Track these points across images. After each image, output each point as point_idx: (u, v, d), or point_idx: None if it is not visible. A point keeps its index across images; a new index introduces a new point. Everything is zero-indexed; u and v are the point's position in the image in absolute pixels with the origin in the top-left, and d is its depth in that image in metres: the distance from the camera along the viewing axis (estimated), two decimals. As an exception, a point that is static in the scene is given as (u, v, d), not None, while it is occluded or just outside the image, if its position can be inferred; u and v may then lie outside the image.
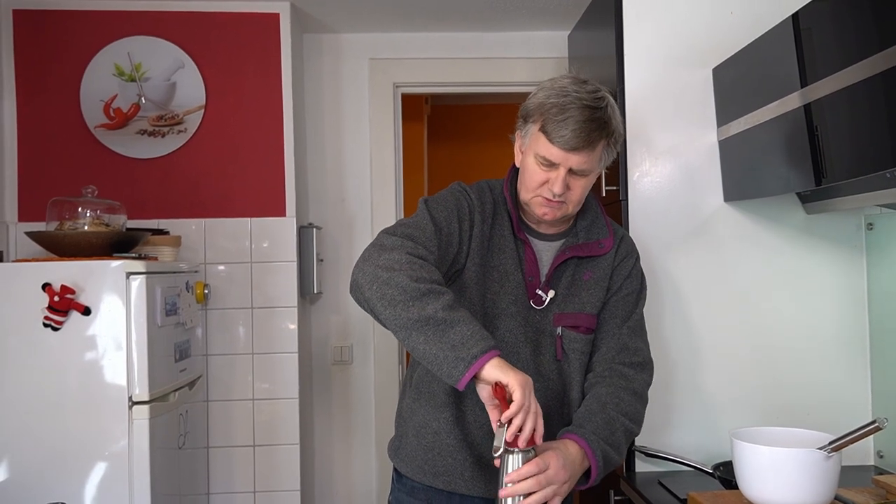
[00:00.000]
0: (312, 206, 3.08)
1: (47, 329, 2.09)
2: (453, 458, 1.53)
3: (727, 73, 1.93)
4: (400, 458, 1.63)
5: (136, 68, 2.71)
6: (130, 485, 2.11)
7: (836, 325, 2.00)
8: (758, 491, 1.42)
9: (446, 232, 1.49)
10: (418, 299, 1.32)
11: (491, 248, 1.55)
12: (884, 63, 1.26)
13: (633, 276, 1.62)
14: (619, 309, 1.59)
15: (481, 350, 1.28)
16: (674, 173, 2.02)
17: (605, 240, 1.59)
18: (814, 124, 1.52)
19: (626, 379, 1.54)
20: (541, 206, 1.51)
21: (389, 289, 1.34)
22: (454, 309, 1.32)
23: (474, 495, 1.54)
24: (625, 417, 1.49)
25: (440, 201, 1.54)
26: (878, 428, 1.33)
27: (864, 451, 1.95)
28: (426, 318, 1.31)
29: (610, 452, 1.43)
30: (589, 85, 1.47)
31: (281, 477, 2.75)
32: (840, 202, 1.81)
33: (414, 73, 3.11)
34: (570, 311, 1.56)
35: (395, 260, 1.37)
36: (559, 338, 1.55)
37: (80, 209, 2.28)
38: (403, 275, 1.34)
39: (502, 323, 1.53)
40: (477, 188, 1.59)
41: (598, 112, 1.44)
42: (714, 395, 1.99)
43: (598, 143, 1.45)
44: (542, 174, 1.48)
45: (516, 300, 1.53)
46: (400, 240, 1.42)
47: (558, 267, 1.56)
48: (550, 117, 1.44)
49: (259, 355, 2.77)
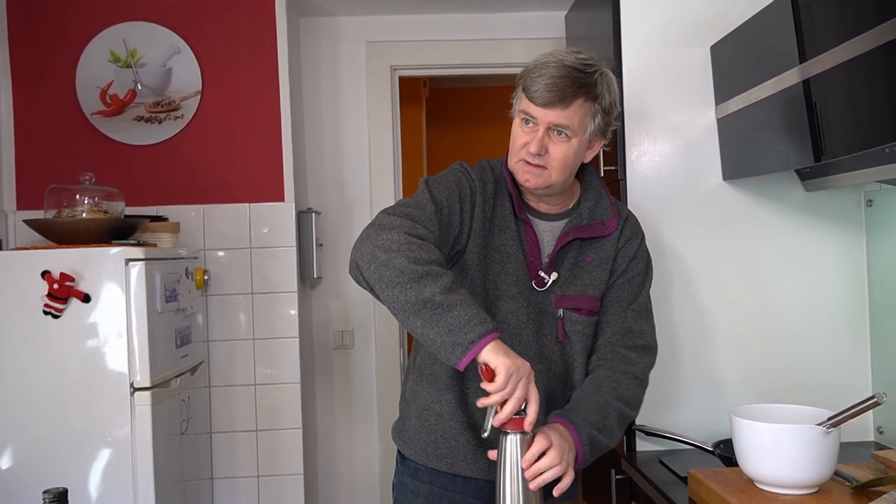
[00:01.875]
0: (311, 191, 3.07)
1: (47, 317, 2.10)
2: (456, 440, 1.54)
3: (725, 50, 1.92)
4: (403, 440, 1.63)
5: (131, 54, 2.70)
6: (134, 470, 2.12)
7: (836, 302, 2.00)
8: (757, 468, 1.43)
9: (447, 212, 1.48)
10: (416, 282, 1.30)
11: (492, 229, 1.53)
12: (883, 36, 1.25)
13: (639, 257, 1.60)
14: (624, 292, 1.58)
15: (478, 335, 1.28)
16: (672, 152, 2.01)
17: (609, 220, 1.57)
18: (812, 100, 1.51)
19: (627, 362, 1.53)
20: (523, 170, 1.49)
21: (387, 270, 1.32)
22: (452, 291, 1.31)
23: (477, 477, 1.54)
24: (620, 402, 1.48)
25: (441, 181, 1.52)
26: (877, 403, 1.33)
27: (864, 427, 1.96)
28: (424, 301, 1.29)
29: (598, 437, 1.43)
30: (582, 54, 1.47)
31: (284, 461, 2.77)
32: (839, 179, 1.80)
33: (411, 55, 3.09)
34: (571, 293, 1.55)
35: (393, 240, 1.35)
36: (560, 320, 1.54)
37: (78, 196, 2.27)
38: (402, 256, 1.32)
39: (504, 304, 1.52)
40: (478, 168, 1.58)
41: (577, 72, 1.43)
42: (714, 372, 2.00)
43: (574, 100, 1.43)
44: (523, 136, 1.48)
45: (518, 281, 1.53)
46: (399, 219, 1.40)
47: (562, 249, 1.54)
48: (530, 74, 1.45)
49: (260, 341, 2.77)
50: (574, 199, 1.60)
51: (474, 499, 1.55)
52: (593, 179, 1.61)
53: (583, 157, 1.52)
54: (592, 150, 1.53)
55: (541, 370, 1.52)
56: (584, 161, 1.54)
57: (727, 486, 1.46)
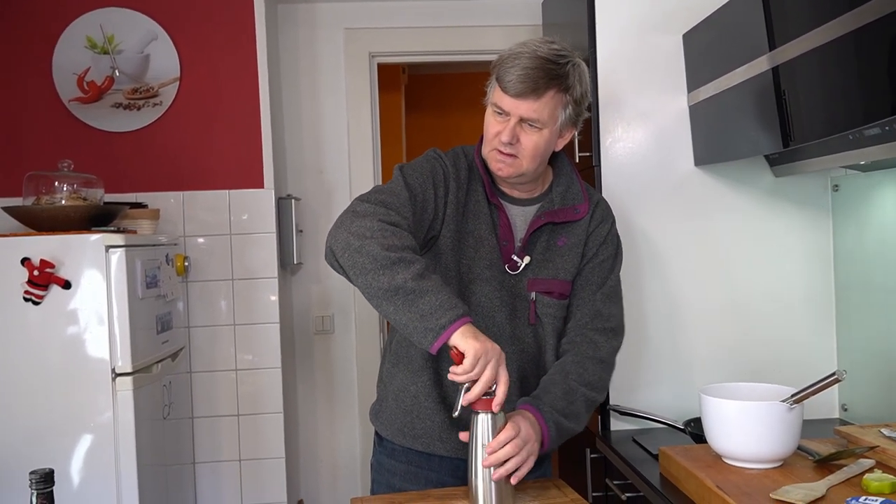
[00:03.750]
0: (291, 178, 3.08)
1: (28, 303, 2.11)
2: (431, 420, 1.57)
3: (697, 38, 1.96)
4: (380, 421, 1.66)
5: (108, 40, 2.69)
6: (116, 455, 2.14)
7: (803, 285, 2.05)
8: (724, 443, 1.47)
9: (421, 198, 1.50)
10: (388, 268, 1.32)
11: (466, 214, 1.56)
12: (848, 25, 1.28)
13: (609, 241, 1.63)
14: (594, 275, 1.61)
15: (449, 320, 1.30)
16: (645, 138, 2.05)
17: (580, 205, 1.60)
18: (781, 87, 1.55)
19: (594, 347, 1.57)
20: (495, 159, 1.52)
21: (361, 257, 1.34)
22: (424, 277, 1.33)
23: (452, 456, 1.58)
24: (586, 387, 1.52)
25: (415, 168, 1.55)
26: (838, 380, 1.38)
27: (829, 404, 2.02)
28: (396, 287, 1.31)
29: (564, 423, 1.47)
30: (555, 45, 1.49)
31: (266, 445, 2.79)
32: (807, 164, 1.85)
33: (389, 42, 3.11)
34: (543, 276, 1.58)
35: (367, 227, 1.37)
36: (532, 303, 1.57)
37: (57, 183, 2.27)
38: (375, 243, 1.34)
39: (478, 288, 1.55)
40: (452, 154, 1.60)
41: (550, 63, 1.45)
42: (685, 353, 2.05)
43: (546, 91, 1.45)
44: (495, 125, 1.50)
45: (491, 265, 1.55)
46: (373, 206, 1.42)
47: (534, 233, 1.57)
48: (503, 65, 1.47)
49: (241, 326, 2.79)
50: (546, 184, 1.63)
51: (449, 476, 1.59)
52: (565, 165, 1.64)
53: (554, 145, 1.55)
54: (563, 139, 1.56)
55: (514, 352, 1.55)
56: (556, 150, 1.57)
57: (696, 461, 1.51)
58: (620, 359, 2.01)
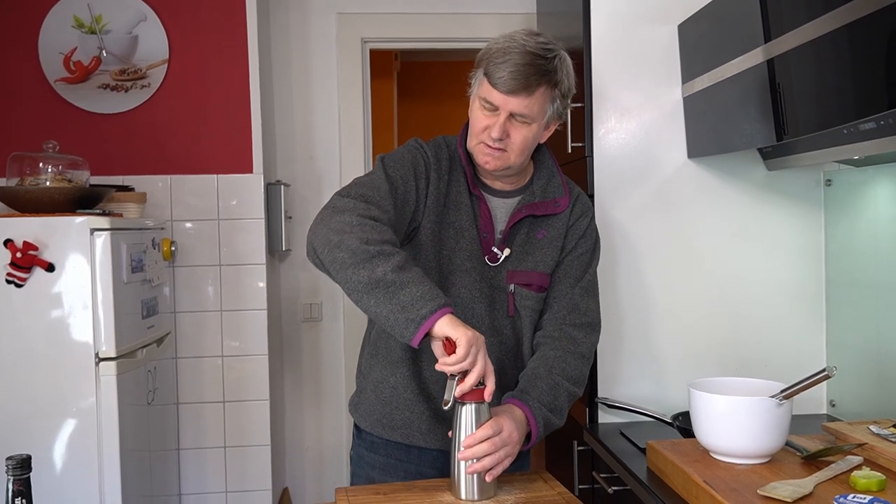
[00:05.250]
0: (280, 163, 3.05)
1: (10, 286, 2.08)
2: (410, 411, 1.56)
3: (692, 29, 1.94)
4: (359, 413, 1.65)
5: (96, 20, 2.65)
6: (99, 440, 2.11)
7: (795, 280, 2.05)
8: (713, 438, 1.46)
9: (402, 190, 1.49)
10: (368, 261, 1.31)
11: (447, 205, 1.55)
12: (845, 17, 1.27)
13: (588, 235, 1.62)
14: (572, 269, 1.60)
15: (430, 310, 1.29)
16: (639, 130, 2.03)
17: (560, 199, 1.60)
18: (776, 80, 1.53)
19: (574, 342, 1.56)
20: (482, 153, 1.51)
21: (340, 252, 1.33)
22: (404, 269, 1.32)
23: (431, 447, 1.57)
24: (569, 382, 1.52)
25: (397, 159, 1.53)
26: (828, 376, 1.37)
27: (817, 400, 2.02)
28: (376, 280, 1.30)
29: (551, 418, 1.47)
30: (541, 38, 1.47)
31: (251, 432, 2.78)
32: (800, 158, 1.84)
33: (382, 28, 3.07)
34: (523, 269, 1.57)
35: (346, 222, 1.36)
36: (511, 295, 1.57)
37: (42, 164, 2.24)
38: (354, 237, 1.33)
39: (458, 279, 1.54)
40: (434, 145, 1.59)
41: (540, 59, 1.44)
42: (674, 347, 2.04)
43: (538, 88, 1.45)
44: (484, 119, 1.48)
45: (471, 256, 1.54)
46: (353, 201, 1.41)
47: (514, 225, 1.57)
48: (493, 60, 1.45)
49: (228, 312, 2.76)
50: (527, 176, 1.62)
51: (429, 468, 1.58)
52: (546, 158, 1.63)
53: (540, 138, 1.54)
54: (549, 132, 1.56)
55: (493, 343, 1.54)
56: (541, 142, 1.57)
57: (683, 456, 1.50)
58: (609, 351, 2.03)
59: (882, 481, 1.30)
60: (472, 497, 1.37)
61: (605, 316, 2.01)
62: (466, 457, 1.35)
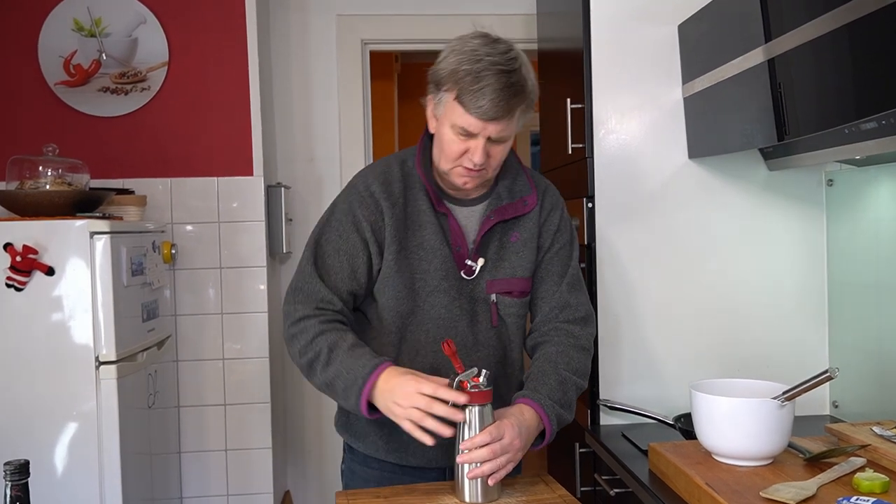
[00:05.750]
0: (281, 166, 3.05)
1: (10, 290, 2.07)
2: (407, 435, 1.52)
3: (692, 29, 1.93)
4: (351, 434, 1.62)
5: (95, 23, 2.65)
6: (100, 444, 2.11)
7: (796, 280, 2.04)
8: (714, 440, 1.46)
9: (347, 259, 1.50)
10: (308, 373, 1.47)
11: (408, 228, 1.51)
12: (846, 16, 1.26)
13: (562, 229, 1.60)
14: (554, 265, 1.58)
15: (356, 401, 1.39)
16: (639, 130, 2.03)
17: (528, 197, 1.56)
18: (777, 79, 1.53)
19: (572, 336, 1.55)
20: (461, 175, 1.47)
21: (298, 367, 1.50)
22: (330, 363, 1.42)
23: (426, 466, 1.56)
24: (575, 375, 1.51)
25: (332, 231, 1.52)
26: (830, 377, 1.36)
27: (820, 401, 2.01)
28: (320, 385, 1.46)
29: (563, 414, 1.46)
30: (500, 44, 1.42)
31: (252, 435, 2.77)
32: (801, 158, 1.83)
33: (382, 29, 3.07)
34: (501, 276, 1.54)
35: (286, 337, 1.50)
36: (494, 304, 1.54)
37: (42, 168, 2.23)
38: (293, 351, 1.48)
39: (436, 300, 1.51)
40: (381, 172, 1.53)
41: (513, 76, 1.39)
42: (676, 349, 2.03)
43: (517, 109, 1.41)
44: (460, 144, 1.43)
45: (447, 275, 1.51)
46: (288, 307, 1.50)
47: (486, 233, 1.53)
48: (465, 87, 1.38)
49: (228, 315, 2.76)
50: (492, 179, 1.57)
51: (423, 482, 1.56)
52: (510, 157, 1.58)
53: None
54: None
55: (480, 358, 1.53)
56: None
57: (685, 458, 1.50)
58: (610, 353, 2.02)
59: (885, 483, 1.30)
60: (475, 500, 1.37)
61: (607, 317, 2.02)
62: (466, 461, 1.35)
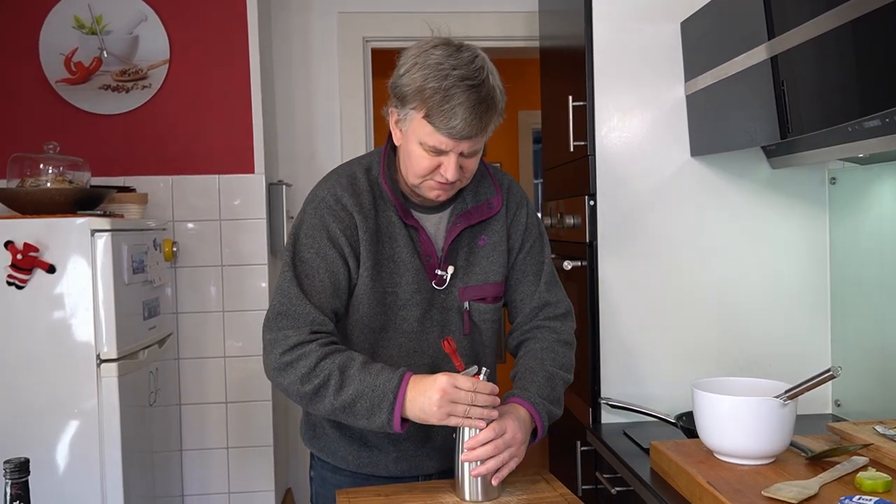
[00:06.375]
0: (282, 164, 3.04)
1: (11, 287, 2.07)
2: (380, 449, 1.52)
3: (695, 26, 1.92)
4: (319, 448, 1.59)
5: (96, 21, 2.64)
6: (101, 441, 2.11)
7: (799, 279, 2.03)
8: (716, 439, 1.45)
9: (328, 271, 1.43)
10: (312, 400, 1.35)
11: (379, 240, 1.46)
12: (849, 13, 1.26)
13: (530, 226, 1.57)
14: (528, 265, 1.56)
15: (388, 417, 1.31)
16: (641, 128, 2.02)
17: (493, 199, 1.53)
18: (780, 77, 1.52)
19: (555, 332, 1.55)
20: (432, 189, 1.42)
21: (293, 397, 1.38)
22: (345, 386, 1.33)
23: (405, 476, 1.54)
24: (562, 370, 1.51)
25: (306, 260, 1.43)
26: (833, 376, 1.36)
27: (822, 400, 2.00)
28: (331, 410, 1.35)
29: (553, 410, 1.46)
30: (464, 52, 1.36)
31: (254, 433, 2.77)
32: (804, 156, 1.82)
33: (383, 27, 3.06)
34: (474, 283, 1.51)
35: (272, 365, 1.37)
36: (467, 312, 1.52)
37: (43, 166, 2.24)
38: (289, 383, 1.36)
39: (407, 313, 1.48)
40: (347, 182, 1.47)
41: (483, 89, 1.33)
42: (678, 347, 2.02)
43: (490, 124, 1.36)
44: (430, 160, 1.38)
45: (419, 288, 1.48)
46: (273, 334, 1.38)
47: (453, 241, 1.50)
48: (435, 106, 1.32)
49: (230, 313, 2.76)
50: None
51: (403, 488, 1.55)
52: None
53: None
54: None
55: (451, 367, 1.48)
56: None
57: (687, 456, 1.49)
58: (612, 351, 2.02)
59: (888, 482, 1.29)
60: (475, 498, 1.36)
61: (608, 315, 2.01)
62: (470, 459, 1.34)
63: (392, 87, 1.40)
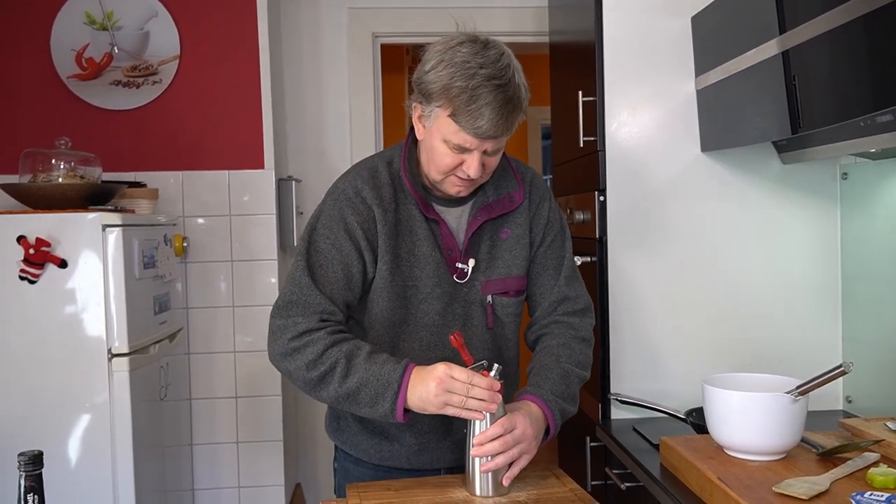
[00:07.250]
0: (292, 159, 3.05)
1: (23, 282, 2.08)
2: (400, 443, 1.53)
3: (706, 21, 1.92)
4: (343, 440, 1.60)
5: (107, 17, 2.65)
6: (112, 436, 2.12)
7: (810, 274, 2.02)
8: (727, 434, 1.45)
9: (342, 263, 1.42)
10: (317, 386, 1.35)
11: (399, 234, 1.46)
12: (860, 8, 1.25)
13: (552, 220, 1.57)
14: (549, 259, 1.56)
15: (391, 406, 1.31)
16: (651, 123, 2.01)
17: (515, 192, 1.52)
18: (791, 72, 1.51)
19: (573, 328, 1.54)
20: (455, 185, 1.43)
21: (297, 382, 1.38)
22: (350, 374, 1.33)
23: (420, 468, 1.55)
24: (578, 367, 1.50)
25: (322, 250, 1.43)
26: (844, 372, 1.35)
27: (833, 396, 1.99)
28: (335, 397, 1.35)
29: (566, 407, 1.45)
30: (491, 50, 1.34)
31: (264, 427, 2.78)
32: (815, 151, 1.81)
33: (393, 22, 3.06)
34: (496, 276, 1.51)
35: (278, 352, 1.38)
36: (490, 306, 1.51)
37: (54, 161, 2.25)
38: (295, 368, 1.36)
39: (429, 307, 1.48)
40: (368, 176, 1.47)
41: (509, 89, 1.32)
42: (688, 342, 2.02)
43: (516, 122, 1.36)
44: (453, 157, 1.38)
45: (440, 281, 1.48)
46: (282, 321, 1.38)
47: (474, 233, 1.50)
48: (461, 106, 1.31)
49: (240, 308, 2.77)
50: None
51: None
52: None
53: None
54: None
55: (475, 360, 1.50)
56: None
57: (697, 452, 1.49)
58: (622, 346, 2.01)
59: (899, 478, 1.29)
60: (486, 493, 1.36)
61: (618, 311, 2.01)
62: (479, 454, 1.34)
63: (417, 83, 1.40)
